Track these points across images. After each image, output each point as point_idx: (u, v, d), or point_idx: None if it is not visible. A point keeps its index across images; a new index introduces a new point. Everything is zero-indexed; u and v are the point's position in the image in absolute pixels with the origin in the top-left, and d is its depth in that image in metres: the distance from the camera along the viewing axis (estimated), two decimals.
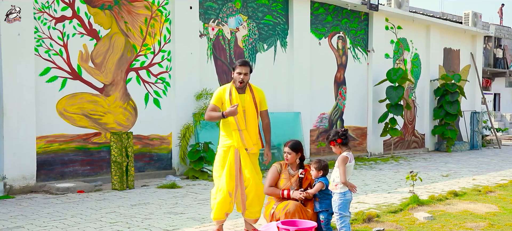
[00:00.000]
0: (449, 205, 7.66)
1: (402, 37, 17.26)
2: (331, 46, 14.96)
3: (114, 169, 9.49)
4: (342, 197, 5.18)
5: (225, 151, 5.79)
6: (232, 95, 5.78)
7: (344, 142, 5.25)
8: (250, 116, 5.75)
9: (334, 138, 5.27)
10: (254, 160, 5.84)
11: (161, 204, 8.06)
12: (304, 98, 13.97)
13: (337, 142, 5.25)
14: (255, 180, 5.71)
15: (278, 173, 5.84)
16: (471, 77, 20.43)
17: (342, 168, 5.14)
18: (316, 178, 5.60)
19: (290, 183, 5.75)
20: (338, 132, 5.30)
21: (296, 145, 5.84)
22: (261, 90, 5.99)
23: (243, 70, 5.74)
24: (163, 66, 11.24)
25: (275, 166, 5.90)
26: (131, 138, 9.66)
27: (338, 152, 5.31)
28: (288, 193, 5.66)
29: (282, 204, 5.58)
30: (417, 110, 18.07)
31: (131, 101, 10.74)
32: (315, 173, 5.60)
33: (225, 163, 5.75)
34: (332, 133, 5.33)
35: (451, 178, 10.90)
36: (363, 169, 12.69)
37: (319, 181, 5.53)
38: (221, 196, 5.70)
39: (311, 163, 5.70)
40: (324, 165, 5.62)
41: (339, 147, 5.27)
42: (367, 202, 8.02)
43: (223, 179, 5.71)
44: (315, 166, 5.60)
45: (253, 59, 12.96)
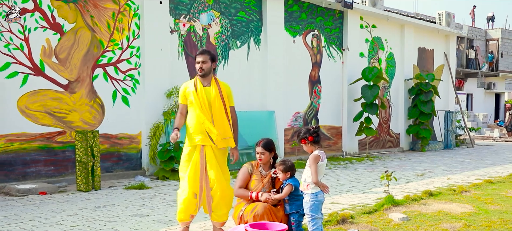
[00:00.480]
0: (424, 205, 7.47)
1: (377, 36, 17.15)
2: (305, 44, 14.74)
3: (79, 169, 9.08)
4: (314, 198, 4.91)
5: (191, 150, 5.47)
6: (197, 88, 5.48)
7: (316, 139, 4.98)
8: (217, 110, 5.45)
9: (305, 136, 4.99)
10: (221, 160, 5.52)
11: (127, 205, 7.69)
12: (278, 97, 13.72)
13: (308, 139, 4.97)
14: (220, 181, 5.40)
15: (248, 174, 5.55)
16: (444, 77, 20.48)
17: (313, 167, 4.87)
18: (284, 180, 5.34)
19: (262, 184, 5.47)
20: (309, 129, 5.03)
21: (268, 144, 5.56)
22: (227, 86, 5.69)
23: (201, 58, 5.47)
24: (131, 63, 10.85)
25: (246, 166, 5.61)
26: (97, 137, 9.25)
27: (309, 151, 5.04)
28: (257, 195, 5.38)
29: (251, 205, 5.30)
30: (392, 110, 17.99)
31: (98, 99, 10.33)
32: (282, 176, 5.35)
33: (190, 162, 5.43)
34: (302, 131, 5.05)
35: (426, 178, 10.76)
36: (338, 168, 12.49)
37: (288, 184, 5.27)
38: (185, 197, 5.38)
39: (276, 165, 5.43)
40: (290, 165, 5.36)
41: (311, 145, 5.00)
42: (341, 203, 7.79)
43: (186, 179, 5.40)
44: (281, 168, 5.34)
45: (226, 56, 12.65)
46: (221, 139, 5.42)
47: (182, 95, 5.60)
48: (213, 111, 5.43)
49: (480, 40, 36.54)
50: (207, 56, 5.50)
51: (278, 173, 5.34)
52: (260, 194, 5.36)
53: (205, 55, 5.50)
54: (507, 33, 36.91)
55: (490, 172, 11.81)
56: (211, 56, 5.55)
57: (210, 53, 5.57)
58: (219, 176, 5.38)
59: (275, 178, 5.51)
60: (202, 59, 5.47)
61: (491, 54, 36.19)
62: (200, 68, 5.47)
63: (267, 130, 13.11)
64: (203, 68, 5.46)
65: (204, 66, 5.47)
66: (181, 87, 5.70)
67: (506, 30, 37.11)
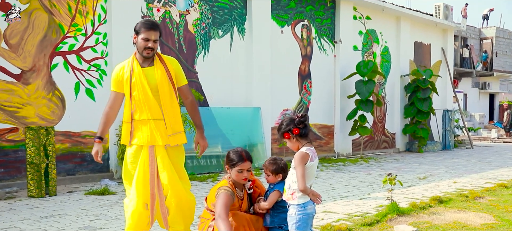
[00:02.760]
0: (435, 215, 6.26)
1: (371, 29, 15.98)
2: (294, 35, 13.52)
3: (30, 172, 7.79)
4: (302, 210, 3.68)
5: (137, 148, 4.20)
6: (134, 71, 4.13)
7: (303, 132, 3.74)
8: (165, 96, 4.15)
9: (288, 128, 3.75)
10: (176, 160, 4.25)
11: (80, 215, 6.42)
12: (265, 92, 12.48)
13: (293, 132, 3.73)
14: (176, 187, 4.13)
15: (232, 201, 4.04)
16: (442, 74, 19.34)
17: (300, 169, 3.63)
18: (273, 183, 4.10)
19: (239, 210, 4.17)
20: (292, 119, 3.79)
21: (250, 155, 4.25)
22: (175, 60, 4.35)
23: (151, 35, 4.08)
24: (97, 51, 9.56)
25: (225, 192, 3.99)
26: (51, 134, 7.96)
27: (294, 148, 3.81)
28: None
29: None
30: (387, 108, 16.83)
31: (57, 91, 9.04)
32: (272, 178, 4.10)
33: (137, 164, 4.17)
34: (285, 121, 3.81)
35: (430, 181, 9.57)
36: (331, 171, 11.27)
37: (275, 190, 4.03)
38: (133, 209, 4.12)
39: (265, 164, 4.17)
40: (283, 166, 4.12)
41: (296, 140, 3.76)
42: (335, 212, 6.56)
43: (134, 186, 4.15)
44: (272, 168, 4.09)
45: (206, 46, 11.40)
46: (173, 134, 4.16)
47: (116, 81, 4.24)
48: (162, 99, 4.13)
49: (474, 39, 35.57)
50: (158, 33, 4.16)
51: (267, 174, 4.10)
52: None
53: (157, 33, 4.14)
54: (502, 32, 35.99)
55: (499, 174, 10.64)
56: (160, 32, 4.22)
57: (159, 28, 4.21)
58: (174, 181, 4.11)
59: (251, 194, 4.27)
60: (153, 38, 4.10)
61: (485, 53, 35.23)
62: (150, 49, 4.09)
63: (253, 128, 11.88)
64: (153, 49, 4.12)
65: (155, 47, 4.13)
66: (113, 71, 4.32)
67: (501, 28, 36.17)
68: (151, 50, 4.10)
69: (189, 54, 11.09)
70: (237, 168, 4.06)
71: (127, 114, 4.17)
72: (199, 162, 10.39)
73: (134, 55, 4.21)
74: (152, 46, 4.09)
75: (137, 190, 4.09)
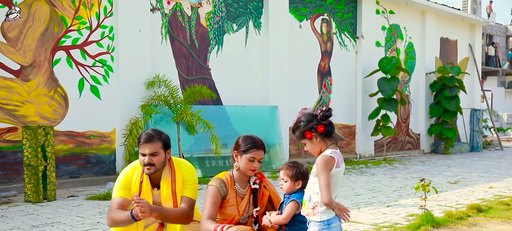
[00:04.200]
0: (475, 227, 5.49)
1: (395, 24, 15.15)
2: (313, 30, 12.78)
3: (28, 175, 7.20)
4: (325, 228, 2.96)
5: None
6: (143, 187, 3.56)
7: (328, 130, 3.03)
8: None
9: (311, 126, 3.04)
10: None
11: (75, 224, 5.79)
12: (282, 90, 11.76)
13: (317, 130, 3.02)
14: None
15: (220, 197, 3.47)
16: (469, 71, 18.38)
17: (324, 177, 2.91)
18: (289, 193, 3.36)
19: (237, 212, 3.47)
20: (314, 114, 3.08)
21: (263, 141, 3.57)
22: (189, 169, 3.67)
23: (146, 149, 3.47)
24: (103, 46, 8.96)
25: (214, 186, 3.48)
26: (51, 134, 7.36)
27: (315, 150, 3.09)
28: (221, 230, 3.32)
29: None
30: (412, 107, 15.97)
31: (60, 89, 8.46)
32: (289, 185, 3.34)
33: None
34: (304, 118, 3.10)
35: (462, 186, 8.76)
36: (353, 173, 10.51)
37: (292, 199, 3.29)
38: None
39: (282, 167, 3.43)
40: (304, 171, 3.36)
41: (320, 140, 3.05)
42: (360, 222, 5.83)
43: None
44: (291, 172, 3.34)
45: (220, 41, 10.73)
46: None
47: (123, 186, 3.57)
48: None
49: (500, 37, 34.39)
50: (157, 144, 3.50)
51: (284, 178, 3.35)
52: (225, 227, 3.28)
53: (154, 143, 3.48)
54: None
55: None
56: (163, 143, 3.55)
57: (162, 138, 3.55)
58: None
59: (257, 191, 3.55)
60: (150, 150, 3.45)
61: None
62: (149, 165, 3.47)
63: (269, 128, 11.18)
64: (153, 164, 3.48)
65: (155, 160, 3.48)
66: (121, 175, 3.64)
67: None
68: (151, 166, 3.47)
69: (202, 49, 10.43)
70: (249, 155, 3.40)
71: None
72: (217, 162, 9.75)
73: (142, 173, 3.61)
74: (149, 162, 3.45)
75: None
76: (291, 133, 3.19)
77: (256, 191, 3.52)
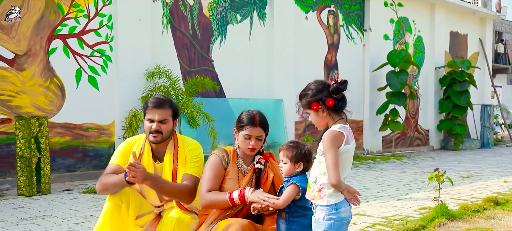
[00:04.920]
0: (493, 219, 5.12)
1: (404, 16, 14.75)
2: (320, 22, 12.42)
3: (21, 167, 6.89)
4: (333, 213, 2.61)
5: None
6: (144, 158, 3.30)
7: (338, 106, 2.69)
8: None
9: (320, 97, 2.69)
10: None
11: (68, 216, 5.48)
12: (287, 83, 11.40)
13: (326, 104, 2.67)
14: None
15: (223, 167, 3.19)
16: (479, 66, 17.93)
17: (331, 154, 2.56)
18: (288, 176, 2.98)
19: (238, 187, 3.14)
20: (326, 84, 2.73)
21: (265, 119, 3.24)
22: (194, 143, 3.38)
23: (155, 114, 3.23)
24: (101, 35, 8.65)
25: (216, 154, 3.21)
26: (45, 125, 7.05)
27: (321, 124, 2.75)
28: (242, 195, 2.99)
29: (220, 223, 2.99)
30: (421, 102, 15.56)
31: (56, 79, 8.15)
32: (289, 167, 2.97)
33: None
34: (315, 86, 2.75)
35: (475, 180, 8.38)
36: (360, 168, 10.14)
37: (292, 182, 2.93)
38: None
39: (282, 147, 3.05)
40: (306, 152, 2.98)
41: (327, 115, 2.70)
42: (369, 214, 5.48)
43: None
44: (290, 153, 2.97)
45: (223, 32, 10.39)
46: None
47: (122, 154, 3.31)
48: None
49: (510, 34, 33.86)
50: (168, 111, 3.26)
51: (283, 160, 2.98)
52: (247, 190, 2.98)
53: (165, 110, 3.25)
54: None
55: None
56: (173, 111, 3.30)
57: (173, 105, 3.31)
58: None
59: (261, 172, 3.19)
60: (159, 116, 3.22)
61: None
62: (157, 133, 3.22)
63: (274, 122, 10.80)
64: (161, 132, 3.23)
65: (164, 128, 3.23)
66: (123, 142, 3.42)
67: None
68: (158, 134, 3.21)
69: (204, 40, 10.10)
70: (244, 132, 3.10)
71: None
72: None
73: (147, 140, 3.34)
74: (156, 129, 3.20)
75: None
76: (297, 99, 2.83)
77: (260, 172, 3.16)
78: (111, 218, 3.18)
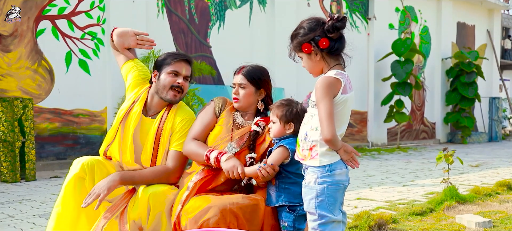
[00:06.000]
0: (508, 203, 4.72)
1: (409, 5, 14.31)
2: (322, 9, 12.00)
3: (4, 152, 6.53)
4: (326, 175, 2.20)
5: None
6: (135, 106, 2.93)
7: (333, 48, 2.29)
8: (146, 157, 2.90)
9: (313, 36, 2.28)
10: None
11: (47, 201, 5.11)
12: (289, 71, 10.93)
13: (318, 45, 2.27)
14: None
15: (214, 115, 2.83)
16: (487, 57, 17.46)
17: (325, 104, 2.16)
18: (278, 137, 2.59)
19: (230, 137, 2.75)
20: (321, 22, 2.32)
21: (256, 73, 2.86)
22: (189, 112, 2.99)
23: (183, 68, 2.91)
24: (92, 17, 8.27)
25: (213, 101, 2.90)
26: (29, 107, 6.69)
27: (315, 70, 2.35)
28: (217, 159, 2.61)
29: (198, 200, 2.57)
30: (427, 94, 15.12)
31: (45, 62, 7.77)
32: (278, 128, 2.59)
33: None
34: (307, 24, 2.34)
35: (485, 169, 7.97)
36: (364, 158, 9.73)
37: (280, 145, 2.54)
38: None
39: (272, 107, 2.68)
40: (298, 111, 2.58)
41: (321, 58, 2.30)
42: (373, 199, 5.07)
43: None
44: (279, 112, 2.59)
45: (222, 17, 10.00)
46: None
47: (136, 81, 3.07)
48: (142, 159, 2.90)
49: None
50: (190, 68, 2.98)
51: (273, 119, 2.62)
52: (223, 157, 2.59)
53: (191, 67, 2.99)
54: None
55: None
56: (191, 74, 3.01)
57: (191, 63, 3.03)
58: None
59: (258, 134, 2.79)
60: (186, 71, 2.94)
61: None
62: (180, 89, 2.90)
63: None
64: (183, 89, 2.92)
65: (186, 87, 2.93)
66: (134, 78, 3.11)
67: None
68: (181, 91, 2.90)
69: (202, 25, 9.71)
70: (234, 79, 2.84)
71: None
72: None
73: (147, 91, 2.97)
74: (182, 84, 2.89)
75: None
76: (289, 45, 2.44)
77: (257, 134, 2.77)
78: (73, 191, 2.79)
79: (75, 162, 2.83)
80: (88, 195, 2.66)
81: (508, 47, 32.02)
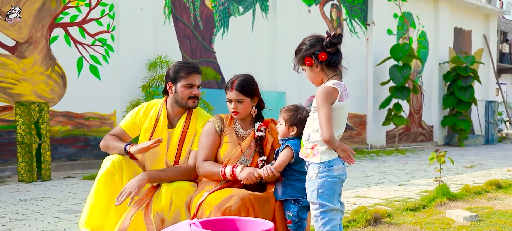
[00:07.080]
0: (495, 200, 5.07)
1: (407, 12, 14.69)
2: (323, 15, 12.39)
3: (21, 153, 6.88)
4: (326, 170, 2.57)
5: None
6: (159, 124, 3.29)
7: (332, 59, 2.65)
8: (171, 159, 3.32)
9: (313, 51, 2.65)
10: None
11: (66, 198, 5.46)
12: (290, 76, 11.32)
13: (318, 58, 2.64)
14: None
15: (217, 134, 3.17)
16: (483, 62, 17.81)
17: (324, 109, 2.53)
18: (284, 138, 2.96)
19: (240, 150, 3.12)
20: (320, 39, 2.69)
21: (248, 84, 3.16)
22: (208, 116, 3.39)
23: (195, 79, 3.30)
24: (103, 24, 8.64)
25: (211, 122, 3.20)
26: (45, 111, 7.05)
27: (316, 81, 2.71)
28: (233, 172, 2.98)
29: (220, 192, 2.94)
30: (424, 98, 15.49)
31: (58, 67, 8.14)
32: (283, 129, 2.96)
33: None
34: (308, 41, 2.70)
35: (478, 170, 8.32)
36: (363, 160, 10.09)
37: (286, 145, 2.91)
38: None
39: (282, 109, 3.07)
40: (303, 118, 2.91)
41: (321, 70, 2.67)
42: (370, 196, 5.43)
43: None
44: (286, 115, 2.96)
45: (225, 24, 10.37)
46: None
47: (131, 121, 3.40)
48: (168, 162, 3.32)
49: None
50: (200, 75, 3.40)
51: (280, 122, 2.97)
52: (238, 169, 2.96)
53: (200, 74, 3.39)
54: None
55: None
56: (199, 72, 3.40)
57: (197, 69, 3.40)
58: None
59: (262, 138, 3.16)
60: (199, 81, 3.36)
61: None
62: (196, 98, 3.29)
63: (277, 115, 10.75)
64: (198, 97, 3.30)
65: (199, 94, 3.33)
66: (136, 108, 3.43)
67: None
68: (197, 99, 3.29)
69: (206, 31, 10.08)
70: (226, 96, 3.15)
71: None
72: None
73: (165, 104, 3.35)
74: (197, 94, 3.28)
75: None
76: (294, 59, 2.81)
77: (262, 139, 3.13)
78: (104, 185, 3.17)
79: (106, 159, 3.20)
80: (120, 193, 3.03)
81: (506, 51, 32.40)
